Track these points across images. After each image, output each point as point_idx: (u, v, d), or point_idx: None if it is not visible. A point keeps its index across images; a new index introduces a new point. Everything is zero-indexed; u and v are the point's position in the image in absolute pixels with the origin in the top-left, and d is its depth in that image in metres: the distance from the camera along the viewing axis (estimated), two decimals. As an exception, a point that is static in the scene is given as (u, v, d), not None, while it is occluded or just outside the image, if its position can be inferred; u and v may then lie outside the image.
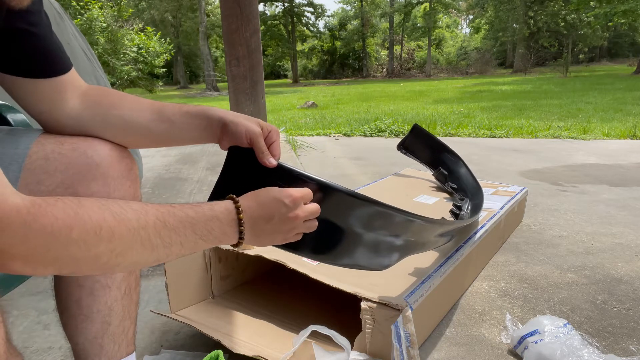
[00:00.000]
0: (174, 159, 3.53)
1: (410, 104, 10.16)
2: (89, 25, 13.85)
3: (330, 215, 0.68)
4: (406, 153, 1.99)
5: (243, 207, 0.59)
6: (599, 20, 17.73)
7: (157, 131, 0.71)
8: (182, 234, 0.54)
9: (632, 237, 1.76)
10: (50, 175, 0.64)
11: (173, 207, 0.54)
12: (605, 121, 5.81)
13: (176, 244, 0.53)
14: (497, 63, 30.51)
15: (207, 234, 0.56)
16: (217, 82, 22.99)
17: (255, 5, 3.89)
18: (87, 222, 0.46)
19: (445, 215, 1.49)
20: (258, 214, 0.60)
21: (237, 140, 0.68)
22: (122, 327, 0.73)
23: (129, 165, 0.71)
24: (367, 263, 0.77)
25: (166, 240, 0.52)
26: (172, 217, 0.53)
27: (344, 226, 0.71)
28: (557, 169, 3.02)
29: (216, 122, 0.70)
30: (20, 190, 0.63)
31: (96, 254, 0.47)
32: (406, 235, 0.84)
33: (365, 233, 0.74)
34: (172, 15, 27.93)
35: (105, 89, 0.73)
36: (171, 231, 0.53)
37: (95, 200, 0.49)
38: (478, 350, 1.06)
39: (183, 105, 0.72)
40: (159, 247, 0.52)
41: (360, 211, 0.71)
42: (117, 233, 0.48)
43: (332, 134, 4.95)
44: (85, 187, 0.66)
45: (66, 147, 0.66)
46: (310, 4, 31.95)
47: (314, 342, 0.93)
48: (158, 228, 0.51)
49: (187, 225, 0.54)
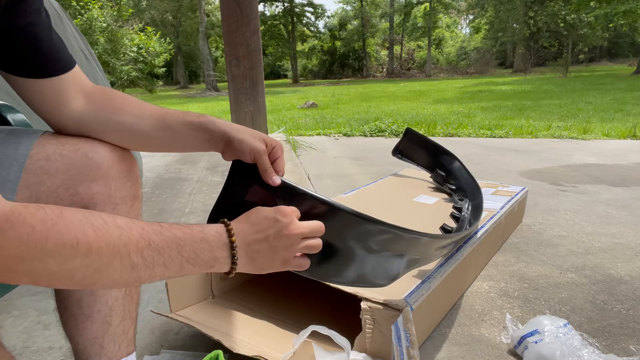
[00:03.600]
0: (174, 159, 3.53)
1: (410, 104, 10.16)
2: (89, 25, 13.86)
3: (334, 234, 0.67)
4: (402, 158, 1.99)
5: (235, 230, 0.57)
6: (599, 20, 17.74)
7: (158, 139, 0.71)
8: (166, 255, 0.51)
9: (632, 237, 1.76)
10: (51, 176, 0.64)
11: (161, 227, 0.52)
12: (605, 121, 5.81)
13: (159, 264, 0.51)
14: (497, 63, 30.51)
15: (195, 257, 0.54)
16: (217, 82, 23.00)
17: (255, 5, 3.89)
18: (64, 234, 0.44)
19: (445, 217, 1.49)
20: (251, 235, 0.58)
21: (241, 157, 0.68)
22: (122, 327, 0.73)
23: (130, 166, 0.71)
24: (372, 279, 0.76)
25: (148, 260, 0.50)
26: (157, 237, 0.51)
27: (348, 245, 0.70)
28: (557, 169, 3.02)
29: (219, 136, 0.68)
30: (20, 190, 0.63)
31: (71, 269, 0.45)
32: (411, 251, 0.84)
33: (370, 252, 0.73)
34: (172, 15, 27.94)
35: (110, 92, 0.72)
36: (154, 251, 0.50)
37: (79, 211, 0.47)
38: (478, 350, 1.06)
39: (186, 114, 0.71)
40: (139, 266, 0.49)
41: (365, 230, 0.71)
42: (95, 248, 0.46)
43: (332, 134, 4.95)
44: (86, 188, 0.66)
45: (67, 148, 0.66)
46: (310, 4, 31.95)
47: (314, 342, 0.93)
48: (141, 246, 0.49)
49: (172, 246, 0.52)
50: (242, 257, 0.57)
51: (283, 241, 0.59)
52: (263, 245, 0.58)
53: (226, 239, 0.56)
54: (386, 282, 0.79)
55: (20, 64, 0.63)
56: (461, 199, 1.65)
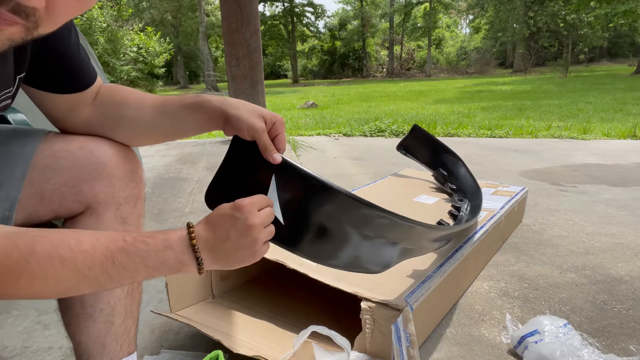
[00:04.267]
0: (174, 159, 3.53)
1: (410, 104, 10.16)
2: (89, 25, 13.86)
3: (331, 217, 0.68)
4: (406, 154, 1.99)
5: (196, 233, 0.57)
6: (599, 20, 17.73)
7: (161, 128, 0.71)
8: (131, 269, 0.53)
9: (632, 237, 1.76)
10: (57, 173, 0.65)
11: (124, 242, 0.53)
12: (605, 121, 5.81)
13: (125, 277, 0.54)
14: (497, 63, 30.51)
15: (161, 265, 0.55)
16: (217, 82, 23.00)
17: (255, 5, 3.89)
18: (35, 270, 0.48)
19: (444, 217, 1.49)
20: (213, 235, 0.57)
21: (239, 134, 0.67)
22: (124, 327, 0.73)
23: (134, 167, 0.72)
24: (365, 264, 0.76)
25: (114, 276, 0.53)
26: (120, 254, 0.53)
27: (344, 228, 0.70)
28: (557, 169, 3.02)
29: (217, 115, 0.67)
30: (25, 188, 0.64)
31: (41, 292, 0.50)
32: (405, 239, 0.84)
33: (365, 236, 0.74)
34: (172, 15, 27.93)
35: (113, 88, 0.73)
36: (119, 267, 0.53)
37: (49, 241, 0.50)
38: (478, 350, 1.06)
39: (183, 98, 0.70)
40: (106, 282, 0.53)
41: (362, 214, 0.71)
42: (63, 277, 0.50)
43: (332, 134, 4.95)
44: (90, 186, 0.67)
45: (74, 146, 0.67)
46: (310, 4, 31.94)
47: (314, 342, 0.93)
48: (105, 267, 0.52)
49: (137, 260, 0.53)
50: (207, 258, 0.57)
51: (246, 238, 0.58)
52: (227, 245, 0.58)
53: (188, 242, 0.56)
54: (379, 268, 0.79)
55: (43, 79, 0.65)
56: (461, 199, 1.65)
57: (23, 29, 0.40)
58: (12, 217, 0.63)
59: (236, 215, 0.57)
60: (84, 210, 0.68)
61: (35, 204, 0.65)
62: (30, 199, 0.64)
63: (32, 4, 0.39)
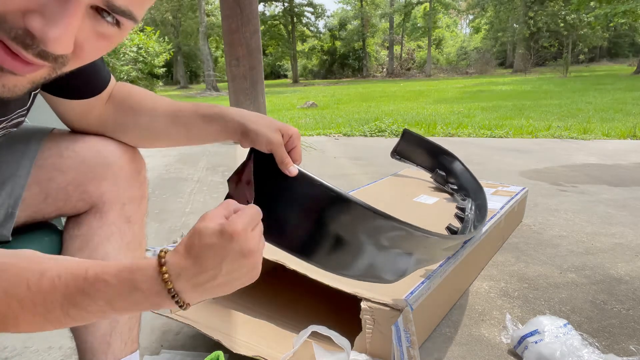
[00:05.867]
0: (174, 159, 3.53)
1: (410, 104, 10.16)
2: (88, 25, 13.84)
3: (347, 228, 0.68)
4: (400, 159, 1.98)
5: (172, 271, 0.44)
6: (599, 20, 17.73)
7: (173, 135, 0.72)
8: (95, 310, 0.45)
9: (632, 237, 1.76)
10: (62, 173, 0.65)
11: (85, 281, 0.44)
12: (605, 121, 5.81)
13: (92, 317, 0.46)
14: (497, 63, 30.50)
15: (131, 307, 0.45)
16: (217, 82, 22.99)
17: (255, 5, 3.90)
18: None
19: (445, 217, 1.49)
20: (198, 275, 0.45)
21: (257, 148, 0.67)
22: (128, 325, 0.73)
23: (139, 167, 0.73)
24: (380, 274, 0.77)
25: (77, 318, 0.46)
26: (81, 296, 0.44)
27: (360, 239, 0.70)
28: (557, 169, 3.02)
29: (234, 128, 0.68)
30: (31, 186, 0.64)
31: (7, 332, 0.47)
32: (420, 250, 0.84)
33: (381, 247, 0.74)
34: (172, 15, 27.93)
35: (125, 91, 0.72)
36: (82, 310, 0.45)
37: (5, 280, 0.44)
38: (478, 350, 1.06)
39: (199, 107, 0.70)
40: (70, 322, 0.47)
41: (378, 225, 0.71)
42: (22, 320, 0.45)
43: (332, 134, 4.95)
44: (95, 186, 0.67)
45: (80, 145, 0.67)
46: (310, 4, 31.94)
47: (314, 342, 0.93)
48: (66, 309, 0.45)
49: (100, 303, 0.45)
50: (194, 297, 0.46)
51: (245, 267, 0.47)
52: (220, 279, 0.46)
53: (160, 286, 0.44)
54: (394, 277, 0.79)
55: (58, 88, 0.64)
56: (464, 198, 1.64)
57: (48, 70, 0.39)
58: (15, 214, 0.63)
59: (228, 246, 0.45)
60: (88, 209, 0.68)
61: (40, 203, 0.65)
62: (35, 197, 0.65)
63: (59, 52, 0.36)
